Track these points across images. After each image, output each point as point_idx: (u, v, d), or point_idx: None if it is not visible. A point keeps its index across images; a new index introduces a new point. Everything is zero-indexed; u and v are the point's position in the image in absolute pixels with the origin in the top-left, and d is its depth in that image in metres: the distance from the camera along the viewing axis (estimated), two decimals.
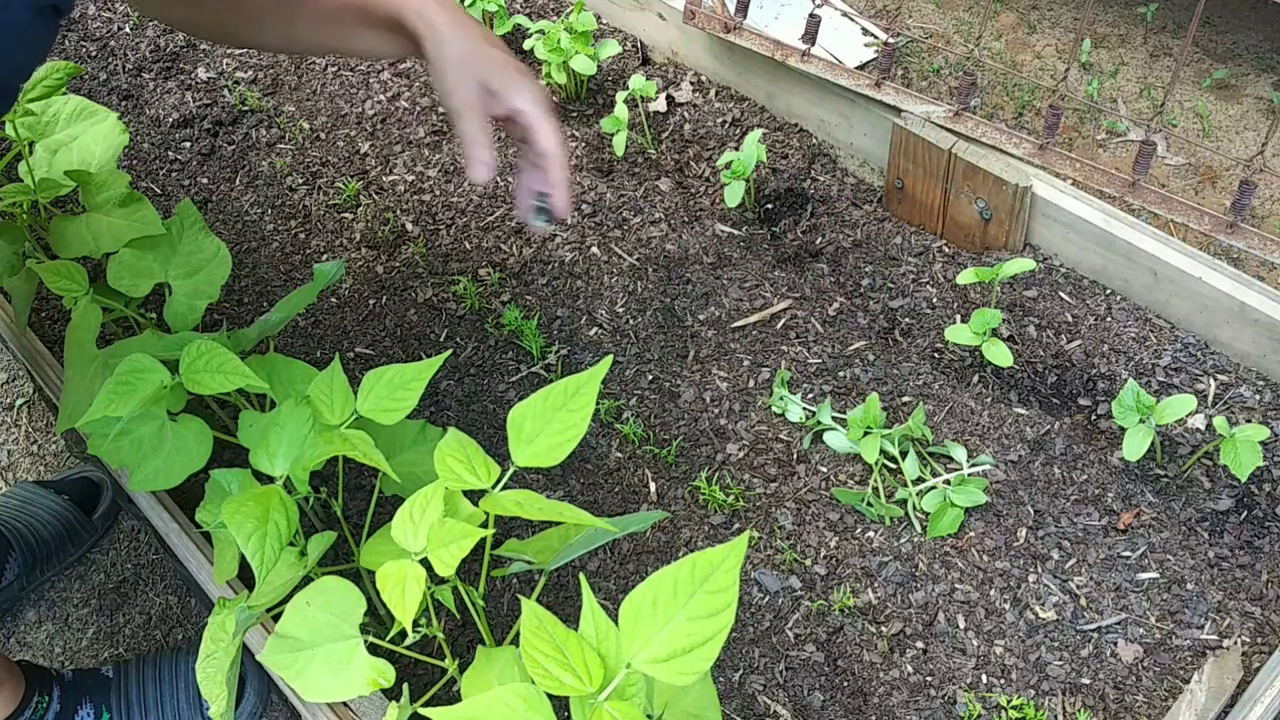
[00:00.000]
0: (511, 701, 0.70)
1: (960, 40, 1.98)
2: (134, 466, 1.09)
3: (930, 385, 1.30)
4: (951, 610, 1.13)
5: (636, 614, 0.69)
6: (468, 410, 1.34)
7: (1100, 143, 1.79)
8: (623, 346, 1.38)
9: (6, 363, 1.70)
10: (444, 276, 1.48)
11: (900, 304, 1.37)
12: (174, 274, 1.24)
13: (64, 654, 1.38)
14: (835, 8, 1.98)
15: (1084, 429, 1.24)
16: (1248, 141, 1.77)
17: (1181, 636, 1.09)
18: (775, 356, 1.34)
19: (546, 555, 0.91)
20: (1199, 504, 1.17)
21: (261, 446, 1.00)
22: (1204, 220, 1.20)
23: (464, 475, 0.86)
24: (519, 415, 0.88)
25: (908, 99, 1.39)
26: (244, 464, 1.02)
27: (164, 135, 1.74)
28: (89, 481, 1.49)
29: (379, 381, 0.99)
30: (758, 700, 1.09)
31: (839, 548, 1.18)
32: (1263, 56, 1.91)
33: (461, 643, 1.16)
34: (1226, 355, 1.26)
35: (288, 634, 0.88)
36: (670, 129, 1.61)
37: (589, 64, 1.58)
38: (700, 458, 1.27)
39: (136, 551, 1.47)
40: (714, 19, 1.54)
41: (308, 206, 1.60)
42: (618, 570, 1.19)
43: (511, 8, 1.82)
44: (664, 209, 1.51)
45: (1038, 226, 1.36)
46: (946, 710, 1.07)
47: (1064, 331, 1.31)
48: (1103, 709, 1.06)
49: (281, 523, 0.92)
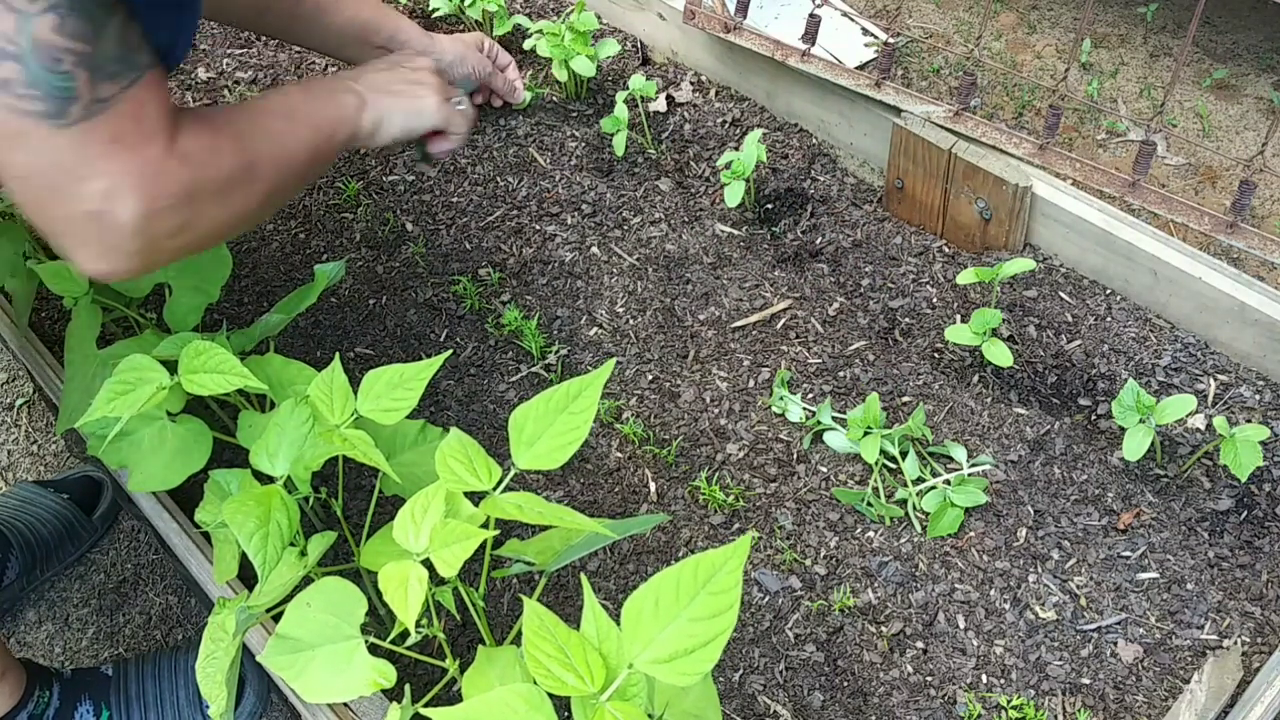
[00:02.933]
0: (513, 701, 0.70)
1: (960, 40, 1.99)
2: (134, 467, 1.09)
3: (930, 385, 1.30)
4: (951, 610, 1.13)
5: (639, 614, 0.69)
6: (468, 410, 1.34)
7: (1100, 143, 1.79)
8: (623, 346, 1.38)
9: (6, 363, 1.70)
10: (444, 276, 1.48)
11: (900, 304, 1.37)
12: (174, 274, 1.24)
13: (64, 654, 1.38)
14: (835, 8, 1.98)
15: (1084, 429, 1.24)
16: (1248, 141, 1.77)
17: (1181, 636, 1.09)
18: (775, 356, 1.34)
19: (547, 556, 0.91)
20: (1199, 504, 1.17)
21: (261, 447, 1.00)
22: (1204, 220, 1.21)
23: (465, 476, 0.85)
24: (520, 417, 0.88)
25: (908, 99, 1.39)
26: (244, 464, 1.02)
27: None
28: (89, 481, 1.49)
29: (379, 381, 0.99)
30: (758, 700, 1.09)
31: (839, 548, 1.18)
32: (1263, 56, 1.91)
33: (462, 643, 1.16)
34: (1226, 355, 1.26)
35: (288, 635, 0.88)
36: (670, 129, 1.61)
37: (588, 65, 1.58)
38: (700, 458, 1.27)
39: (136, 551, 1.47)
40: (714, 19, 1.54)
41: (308, 206, 1.60)
42: (618, 570, 1.19)
43: (511, 8, 1.82)
44: (664, 209, 1.51)
45: (1038, 226, 1.36)
46: (946, 710, 1.07)
47: (1064, 331, 1.31)
48: (1103, 709, 1.06)
49: (283, 522, 0.92)
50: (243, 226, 1.01)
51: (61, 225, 0.85)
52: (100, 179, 0.82)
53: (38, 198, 0.84)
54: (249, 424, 1.10)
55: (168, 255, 0.91)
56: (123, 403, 0.99)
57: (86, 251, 0.86)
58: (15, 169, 0.82)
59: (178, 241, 0.90)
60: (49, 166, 0.82)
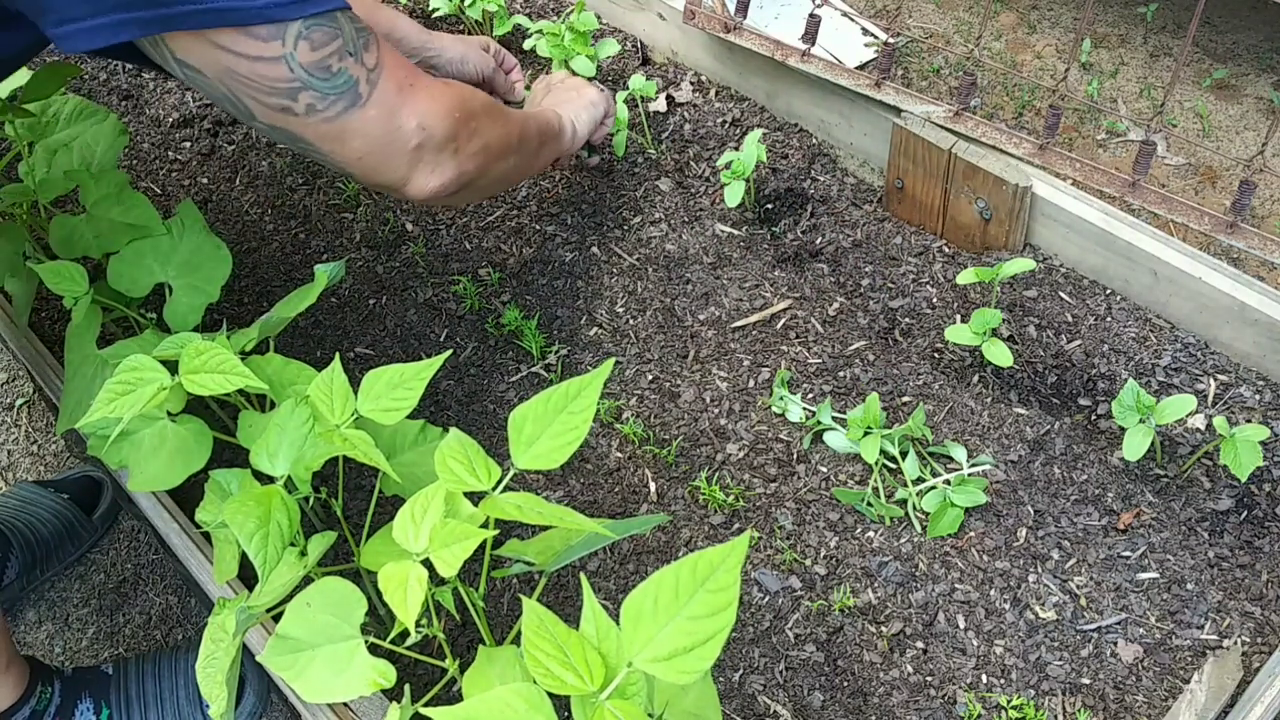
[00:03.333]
0: (513, 701, 0.70)
1: (960, 40, 1.99)
2: (134, 466, 1.09)
3: (930, 385, 1.30)
4: (951, 610, 1.13)
5: (638, 613, 0.69)
6: (468, 410, 1.34)
7: (1100, 143, 1.79)
8: (623, 346, 1.38)
9: (6, 363, 1.70)
10: (444, 276, 1.48)
11: (900, 304, 1.37)
12: (174, 274, 1.24)
13: (64, 654, 1.38)
14: (835, 8, 1.98)
15: (1084, 429, 1.24)
16: (1248, 141, 1.77)
17: (1181, 636, 1.09)
18: (775, 356, 1.34)
19: (547, 556, 0.91)
20: (1199, 504, 1.17)
21: (261, 447, 1.00)
22: (1204, 220, 1.21)
23: (464, 476, 0.85)
24: (520, 417, 0.88)
25: (908, 99, 1.39)
26: (244, 464, 1.02)
27: (164, 135, 1.74)
28: (89, 481, 1.49)
29: (379, 381, 0.99)
30: (758, 700, 1.09)
31: (839, 548, 1.18)
32: (1263, 56, 1.91)
33: (462, 643, 1.16)
34: (1226, 355, 1.26)
35: (288, 635, 0.88)
36: (670, 129, 1.61)
37: (588, 65, 1.58)
38: (700, 458, 1.27)
39: (136, 551, 1.47)
40: (714, 19, 1.54)
41: (308, 206, 1.60)
42: (618, 570, 1.19)
43: (511, 8, 1.82)
44: (664, 209, 1.51)
45: (1038, 226, 1.36)
46: (946, 710, 1.07)
47: (1064, 331, 1.31)
48: (1103, 709, 1.06)
49: (283, 522, 0.92)
50: (508, 165, 1.18)
51: (402, 170, 1.03)
52: (410, 118, 1.01)
53: (376, 164, 1.02)
54: (249, 424, 1.10)
55: (472, 161, 1.09)
56: (123, 403, 0.99)
57: (424, 176, 1.05)
58: (353, 153, 1.00)
59: (473, 147, 1.08)
60: (374, 137, 0.99)
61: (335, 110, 0.96)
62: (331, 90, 0.95)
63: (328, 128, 0.97)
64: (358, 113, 0.97)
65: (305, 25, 0.91)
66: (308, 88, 0.94)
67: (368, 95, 0.97)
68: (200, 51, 0.90)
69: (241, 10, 0.87)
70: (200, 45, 0.89)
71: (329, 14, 0.93)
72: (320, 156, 1.02)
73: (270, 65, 0.91)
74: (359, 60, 0.96)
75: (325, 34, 0.92)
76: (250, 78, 0.92)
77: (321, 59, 0.93)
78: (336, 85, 0.95)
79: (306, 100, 0.94)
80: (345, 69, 0.95)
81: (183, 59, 0.91)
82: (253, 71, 0.91)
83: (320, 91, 0.94)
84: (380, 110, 0.99)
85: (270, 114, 0.95)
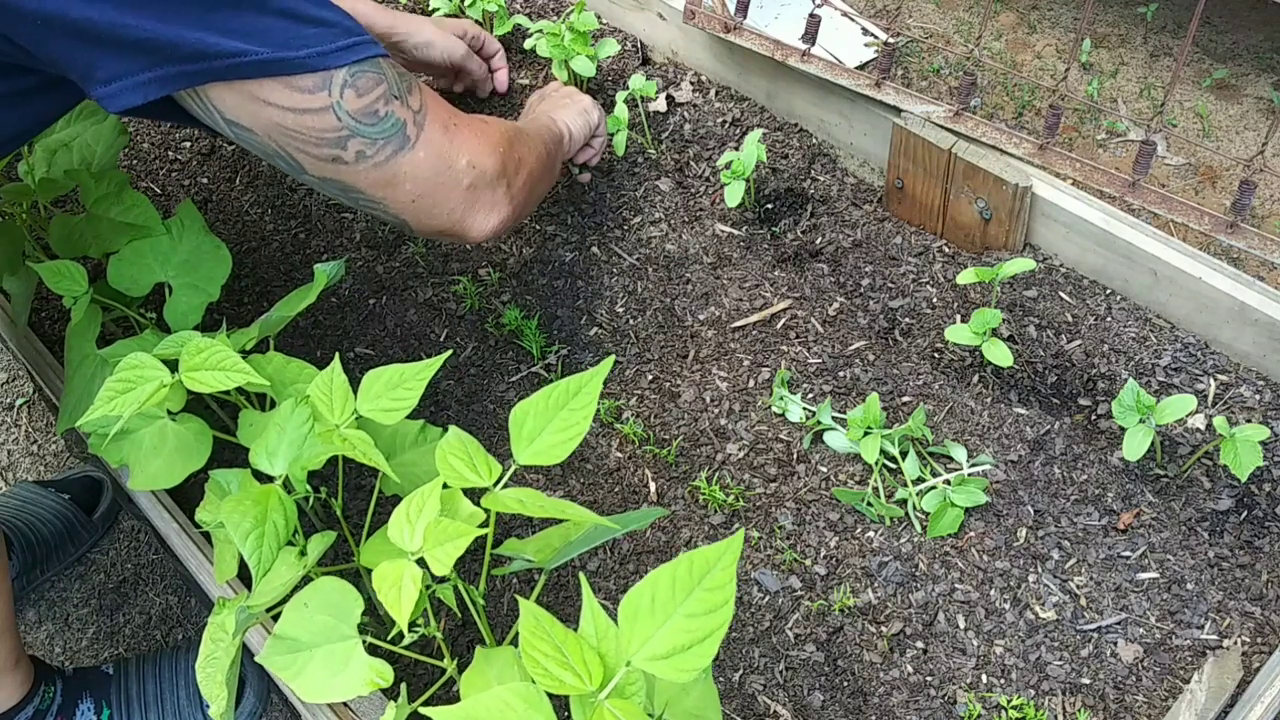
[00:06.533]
0: (511, 701, 0.69)
1: (960, 40, 1.99)
2: (134, 465, 1.09)
3: (930, 385, 1.30)
4: (951, 610, 1.13)
5: (635, 612, 0.69)
6: (468, 410, 1.34)
7: (1100, 143, 1.79)
8: (623, 346, 1.38)
9: (6, 363, 1.70)
10: (444, 276, 1.48)
11: (900, 304, 1.37)
12: (174, 273, 1.24)
13: (64, 654, 1.38)
14: (835, 8, 1.98)
15: (1084, 429, 1.24)
16: (1248, 141, 1.77)
17: (1181, 636, 1.09)
18: (775, 356, 1.34)
19: (547, 554, 0.91)
20: (1199, 504, 1.17)
21: (261, 446, 1.00)
22: (1204, 220, 1.20)
23: (465, 473, 0.85)
24: (520, 414, 0.88)
25: (908, 99, 1.39)
26: (244, 464, 1.02)
27: (164, 135, 1.74)
28: (89, 481, 1.49)
29: (379, 381, 0.99)
30: (758, 700, 1.09)
31: (839, 548, 1.18)
32: (1263, 56, 1.91)
33: (461, 643, 1.16)
34: (1226, 355, 1.26)
35: (286, 635, 0.88)
36: (670, 129, 1.61)
37: (588, 65, 1.58)
38: (700, 458, 1.27)
39: (136, 551, 1.47)
40: (714, 19, 1.54)
41: (308, 206, 1.60)
42: (617, 570, 1.19)
43: (511, 8, 1.82)
44: (664, 209, 1.51)
45: (1038, 226, 1.36)
46: (946, 710, 1.07)
47: (1064, 331, 1.31)
48: (1103, 709, 1.06)
49: (280, 522, 0.92)
50: (543, 186, 1.22)
51: (457, 212, 1.04)
52: (459, 156, 1.02)
53: (430, 206, 1.02)
54: (249, 423, 1.10)
55: (522, 192, 1.11)
56: (123, 401, 0.99)
57: (481, 216, 1.06)
58: (406, 196, 1.01)
59: (521, 179, 1.10)
60: (425, 179, 1.00)
61: (385, 154, 0.97)
62: (380, 135, 0.95)
63: (379, 174, 0.97)
64: (408, 155, 0.98)
65: (350, 73, 0.92)
66: (356, 135, 0.94)
67: (415, 137, 0.98)
68: (248, 109, 0.90)
69: (284, 61, 0.88)
70: (247, 102, 0.90)
71: (372, 59, 0.94)
72: (374, 206, 1.02)
73: (318, 116, 0.92)
74: (404, 103, 0.97)
75: (370, 80, 0.93)
76: (299, 130, 0.92)
77: (368, 105, 0.94)
78: (385, 130, 0.95)
79: (356, 147, 0.95)
80: (392, 112, 0.95)
81: (232, 119, 0.92)
82: (300, 124, 0.91)
83: (369, 137, 0.95)
84: (429, 152, 0.99)
85: (321, 165, 0.96)
